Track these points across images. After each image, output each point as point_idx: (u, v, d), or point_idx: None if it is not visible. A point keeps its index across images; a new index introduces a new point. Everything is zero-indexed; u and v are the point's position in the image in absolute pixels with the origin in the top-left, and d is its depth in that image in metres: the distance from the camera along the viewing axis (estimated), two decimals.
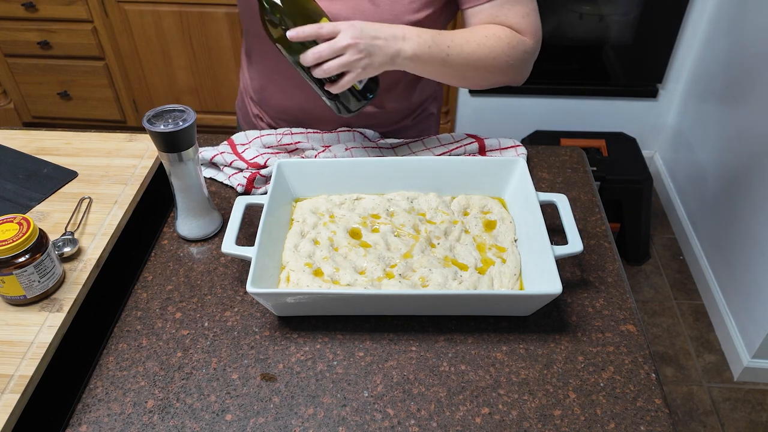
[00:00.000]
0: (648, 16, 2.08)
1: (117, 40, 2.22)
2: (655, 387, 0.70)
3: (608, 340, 0.75)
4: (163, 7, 2.12)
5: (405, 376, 0.71)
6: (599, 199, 0.97)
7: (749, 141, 1.75)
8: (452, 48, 0.82)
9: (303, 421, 0.67)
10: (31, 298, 0.73)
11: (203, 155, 1.01)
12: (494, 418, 0.67)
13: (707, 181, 2.00)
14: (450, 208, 0.89)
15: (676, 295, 1.99)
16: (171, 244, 0.89)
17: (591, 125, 2.34)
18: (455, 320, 0.77)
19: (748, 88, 1.78)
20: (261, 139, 1.00)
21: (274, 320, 0.78)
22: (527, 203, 0.83)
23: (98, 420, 0.67)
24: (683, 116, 2.23)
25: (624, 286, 0.82)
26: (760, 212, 1.66)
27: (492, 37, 0.85)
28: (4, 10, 2.15)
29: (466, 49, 0.83)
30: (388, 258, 0.80)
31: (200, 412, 0.68)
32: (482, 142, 1.00)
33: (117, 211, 0.88)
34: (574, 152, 1.07)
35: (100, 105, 2.43)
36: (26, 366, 0.67)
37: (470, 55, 0.84)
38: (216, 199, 0.97)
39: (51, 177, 0.94)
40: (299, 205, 0.90)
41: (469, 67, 0.85)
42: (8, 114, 2.48)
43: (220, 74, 2.29)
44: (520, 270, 0.80)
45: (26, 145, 1.00)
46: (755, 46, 1.75)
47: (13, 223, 0.72)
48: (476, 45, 0.84)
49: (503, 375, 0.71)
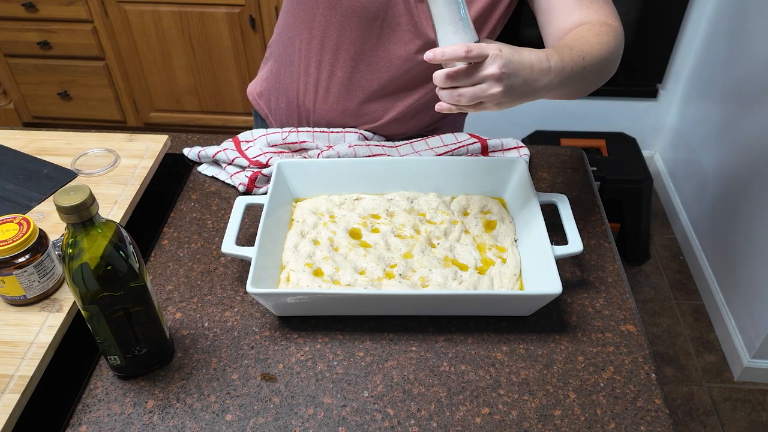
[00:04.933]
0: (648, 16, 2.08)
1: (117, 40, 2.22)
2: (655, 387, 0.70)
3: (608, 340, 0.75)
4: (163, 7, 2.12)
5: (405, 376, 0.71)
6: (599, 199, 0.97)
7: (749, 141, 1.75)
8: (586, 59, 0.75)
9: (303, 422, 0.67)
10: (31, 299, 0.73)
11: (206, 152, 1.01)
12: (494, 419, 0.67)
13: (707, 181, 2.00)
14: (450, 208, 0.89)
15: (676, 295, 1.99)
16: (171, 244, 0.89)
17: (591, 125, 2.33)
18: (455, 320, 0.77)
19: (748, 88, 1.78)
20: (266, 137, 1.00)
21: (274, 320, 0.78)
22: (527, 203, 0.83)
23: (98, 420, 0.67)
24: (683, 116, 2.23)
25: (624, 286, 0.82)
26: (761, 212, 1.66)
27: (602, 34, 0.79)
28: (4, 10, 2.15)
29: (596, 53, 0.76)
30: (388, 258, 0.80)
31: (200, 412, 0.68)
32: (485, 143, 1.00)
33: (117, 211, 0.88)
34: (574, 152, 1.07)
35: (100, 105, 2.43)
36: (26, 366, 0.67)
37: (599, 58, 0.77)
38: (217, 199, 0.97)
39: (51, 177, 0.94)
40: (299, 205, 0.90)
41: (601, 70, 0.79)
42: (8, 114, 2.48)
43: (220, 74, 2.29)
44: (520, 270, 0.80)
45: (26, 146, 1.00)
46: (755, 46, 1.75)
47: (13, 223, 0.72)
48: (599, 46, 0.77)
49: (503, 375, 0.71)
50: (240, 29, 2.15)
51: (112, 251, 0.60)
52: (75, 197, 0.55)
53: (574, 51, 0.75)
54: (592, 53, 0.76)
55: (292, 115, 1.05)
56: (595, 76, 0.79)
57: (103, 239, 0.59)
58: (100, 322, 0.63)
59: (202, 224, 0.92)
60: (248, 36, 2.17)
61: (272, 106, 1.08)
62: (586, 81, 0.78)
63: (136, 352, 0.68)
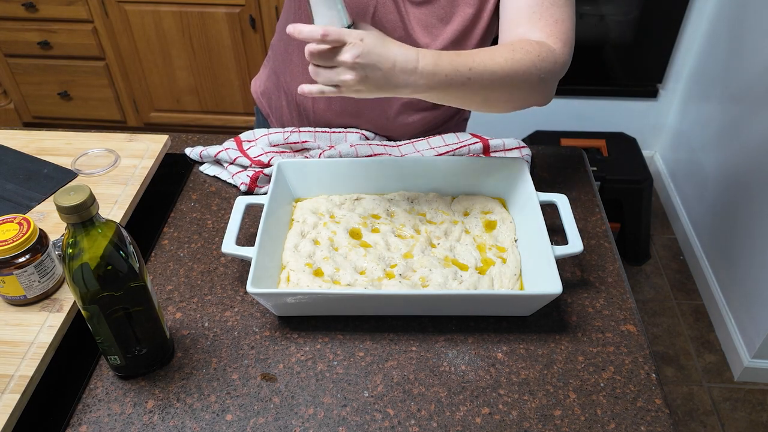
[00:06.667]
0: (648, 16, 2.08)
1: (117, 40, 2.22)
2: (655, 387, 0.70)
3: (608, 340, 0.75)
4: (163, 7, 2.12)
5: (405, 376, 0.71)
6: (599, 199, 0.97)
7: (750, 141, 1.75)
8: (474, 70, 0.72)
9: (303, 422, 0.67)
10: (32, 298, 0.73)
11: (207, 152, 1.01)
12: (494, 419, 0.67)
13: (707, 181, 2.00)
14: (450, 209, 0.89)
15: (676, 295, 1.99)
16: (171, 244, 0.89)
17: (591, 125, 2.33)
18: (455, 320, 0.77)
19: (749, 88, 1.78)
20: (268, 137, 1.00)
21: (274, 320, 0.78)
22: (527, 203, 0.83)
23: (98, 420, 0.67)
24: (683, 116, 2.23)
25: (624, 286, 0.82)
26: (761, 212, 1.66)
27: (519, 51, 0.75)
28: (4, 10, 2.15)
29: (490, 67, 0.73)
30: (388, 258, 0.80)
31: (200, 412, 0.68)
32: (486, 142, 0.99)
33: (117, 211, 0.88)
34: (574, 152, 1.07)
35: (100, 105, 2.43)
36: (26, 366, 0.67)
37: (494, 73, 0.73)
38: (217, 199, 0.97)
39: (51, 177, 0.94)
40: (299, 205, 0.90)
41: (494, 87, 0.75)
42: (8, 114, 2.48)
43: (220, 74, 2.29)
44: (521, 270, 0.80)
45: (26, 146, 1.00)
46: (755, 46, 1.75)
47: (14, 223, 0.72)
48: (503, 60, 0.74)
49: (503, 375, 0.71)
50: (240, 29, 2.15)
51: (113, 251, 0.60)
52: (75, 197, 0.55)
53: (461, 59, 0.72)
54: (487, 66, 0.73)
55: (292, 114, 1.05)
56: (496, 92, 0.76)
57: (103, 239, 0.59)
58: (100, 322, 0.63)
59: (202, 224, 0.92)
60: (248, 36, 2.17)
61: (273, 104, 1.09)
62: (477, 94, 0.75)
63: (136, 352, 0.68)
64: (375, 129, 1.01)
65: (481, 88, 0.74)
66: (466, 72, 0.72)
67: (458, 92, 0.74)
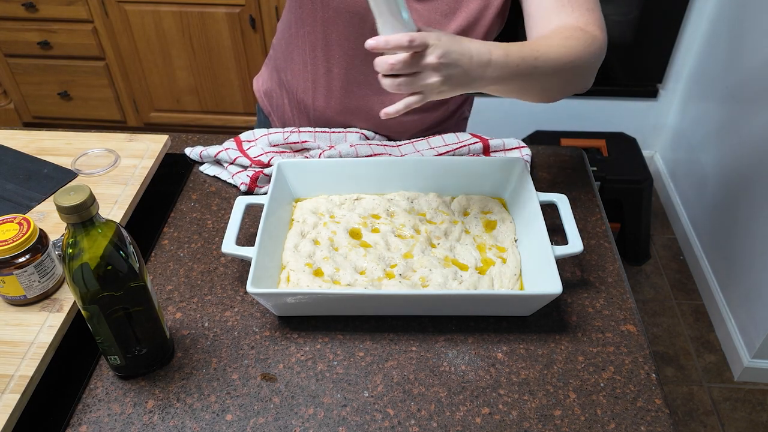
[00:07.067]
0: (648, 16, 2.08)
1: (117, 40, 2.22)
2: (655, 387, 0.70)
3: (608, 340, 0.75)
4: (163, 7, 2.11)
5: (405, 376, 0.71)
6: (599, 199, 0.97)
7: (750, 141, 1.75)
8: (539, 59, 0.72)
9: (303, 422, 0.67)
10: (32, 298, 0.73)
11: (208, 152, 1.01)
12: (494, 419, 0.67)
13: (707, 181, 2.00)
14: (450, 208, 0.89)
15: (676, 295, 1.99)
16: (171, 244, 0.89)
17: (591, 125, 2.33)
18: (455, 320, 0.77)
19: (749, 88, 1.78)
20: (268, 137, 1.00)
21: (274, 320, 0.78)
22: (527, 203, 0.83)
23: (98, 420, 0.67)
24: (683, 116, 2.23)
25: (624, 286, 0.82)
26: (761, 212, 1.66)
27: (571, 38, 0.76)
28: (4, 10, 2.15)
29: (553, 55, 0.74)
30: (388, 258, 0.80)
31: (200, 412, 0.68)
32: (486, 142, 0.99)
33: (117, 211, 0.88)
34: (574, 152, 1.07)
35: (100, 105, 2.43)
36: (26, 366, 0.67)
37: (557, 61, 0.74)
38: (217, 199, 0.97)
39: (51, 177, 0.94)
40: (299, 205, 0.90)
41: (555, 75, 0.76)
42: (8, 114, 2.48)
43: (220, 74, 2.29)
44: (520, 270, 0.80)
45: (26, 145, 1.00)
46: (755, 46, 1.75)
47: (14, 223, 0.72)
48: (562, 48, 0.75)
49: (503, 375, 0.71)
50: (240, 29, 2.15)
51: (112, 251, 0.60)
52: (75, 197, 0.55)
53: (526, 49, 0.73)
54: (549, 54, 0.74)
55: (293, 112, 1.05)
56: (555, 79, 0.77)
57: (103, 239, 0.59)
58: (100, 322, 0.63)
59: (202, 224, 0.92)
60: (248, 36, 2.17)
61: (275, 103, 1.09)
62: (539, 82, 0.76)
63: (136, 352, 0.68)
64: (375, 127, 1.01)
65: (543, 76, 0.75)
66: (533, 61, 0.72)
67: (523, 81, 0.74)
